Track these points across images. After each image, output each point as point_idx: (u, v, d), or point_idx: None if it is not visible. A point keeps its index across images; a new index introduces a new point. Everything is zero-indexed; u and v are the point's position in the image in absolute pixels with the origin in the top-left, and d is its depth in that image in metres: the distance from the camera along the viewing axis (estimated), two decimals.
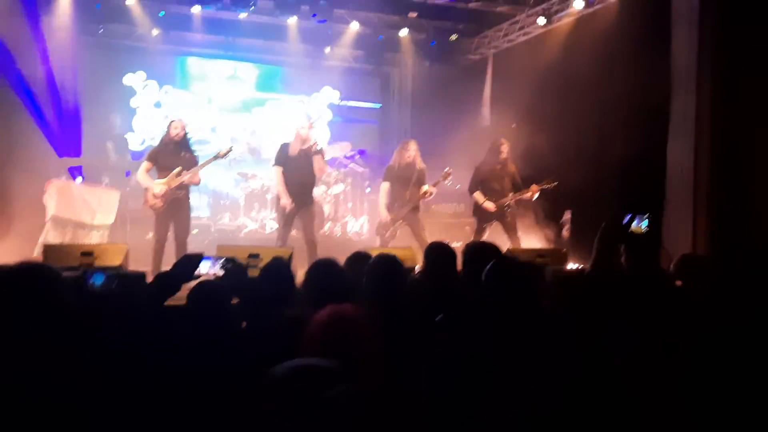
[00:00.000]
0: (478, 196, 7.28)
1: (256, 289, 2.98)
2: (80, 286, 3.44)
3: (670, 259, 6.46)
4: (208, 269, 2.85)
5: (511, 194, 7.26)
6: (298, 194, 6.69)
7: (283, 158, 6.79)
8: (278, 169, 6.79)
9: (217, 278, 2.79)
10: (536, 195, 7.24)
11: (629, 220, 2.76)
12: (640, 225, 3.07)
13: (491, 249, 3.16)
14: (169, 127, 6.61)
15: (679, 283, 3.62)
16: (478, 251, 3.09)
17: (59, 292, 2.06)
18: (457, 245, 4.88)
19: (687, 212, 7.22)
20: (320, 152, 6.76)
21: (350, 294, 2.98)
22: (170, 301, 2.72)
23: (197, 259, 2.60)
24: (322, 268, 3.20)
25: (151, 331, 2.32)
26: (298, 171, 6.70)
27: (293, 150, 6.74)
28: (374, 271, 2.99)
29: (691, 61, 7.23)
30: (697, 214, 7.16)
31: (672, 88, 7.45)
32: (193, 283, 2.74)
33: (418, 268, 4.60)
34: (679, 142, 7.38)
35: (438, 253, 3.39)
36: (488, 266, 2.88)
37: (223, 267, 2.67)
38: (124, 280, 2.68)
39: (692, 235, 7.09)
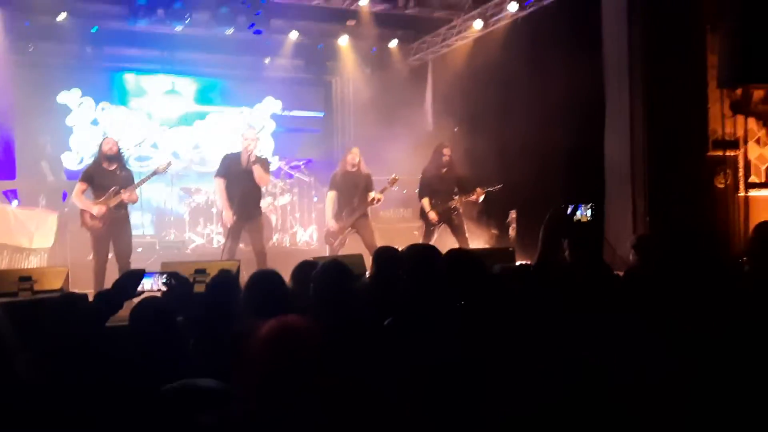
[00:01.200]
0: (425, 202, 7.34)
1: (203, 304, 2.93)
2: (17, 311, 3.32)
3: (613, 250, 6.69)
4: (151, 285, 2.79)
5: (456, 197, 7.33)
6: (242, 206, 6.52)
7: (225, 170, 6.64)
8: (220, 182, 6.61)
9: (161, 294, 2.73)
10: (482, 197, 7.32)
11: (573, 209, 2.82)
12: (585, 213, 3.11)
13: (430, 251, 3.19)
14: (101, 145, 6.43)
15: (619, 273, 3.73)
16: (417, 254, 3.11)
17: None
18: None
19: (626, 203, 7.44)
20: (259, 161, 6.60)
21: (291, 304, 2.97)
22: (113, 322, 2.66)
23: (139, 275, 2.54)
24: (262, 280, 3.17)
25: (93, 351, 2.26)
26: (241, 182, 6.52)
27: (237, 161, 6.62)
28: (322, 278, 2.97)
29: (621, 57, 7.48)
30: (636, 205, 7.39)
31: (605, 83, 7.68)
32: (135, 300, 2.69)
33: (368, 273, 4.60)
34: (615, 136, 7.61)
35: (385, 257, 3.40)
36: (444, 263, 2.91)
37: (165, 282, 2.62)
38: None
39: (632, 224, 7.30)
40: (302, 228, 10.30)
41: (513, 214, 9.05)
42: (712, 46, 7.12)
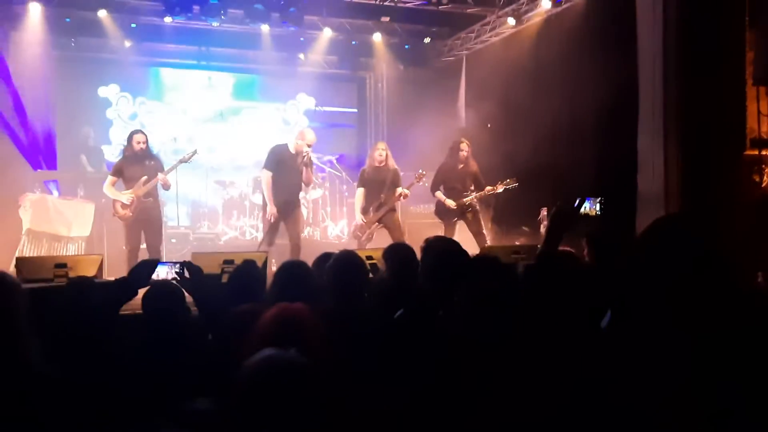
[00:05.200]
0: (439, 195, 7.37)
1: (217, 289, 3.01)
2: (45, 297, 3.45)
3: None
4: (166, 274, 2.88)
5: (473, 194, 7.34)
6: (285, 200, 6.70)
7: (274, 163, 6.77)
8: (267, 174, 6.77)
9: (175, 281, 2.82)
10: (499, 190, 7.33)
11: (580, 202, 2.79)
12: (593, 207, 3.05)
13: (450, 244, 3.22)
14: (130, 139, 6.64)
15: None
16: (437, 247, 3.14)
17: (14, 301, 2.06)
18: None
19: (659, 206, 7.31)
20: (311, 163, 6.77)
21: (313, 292, 3.03)
22: (129, 309, 2.74)
23: (153, 264, 2.63)
24: (289, 268, 3.26)
25: (105, 338, 2.35)
26: (289, 176, 6.70)
27: (287, 157, 6.75)
28: (334, 268, 3.04)
29: (656, 54, 7.33)
30: (669, 207, 7.25)
31: (639, 82, 7.55)
32: None
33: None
34: (648, 137, 7.46)
35: (396, 252, 3.44)
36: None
37: (178, 272, 2.70)
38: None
39: None
40: (333, 222, 10.39)
41: (544, 212, 8.96)
42: (750, 43, 6.96)
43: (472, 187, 7.35)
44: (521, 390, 2.26)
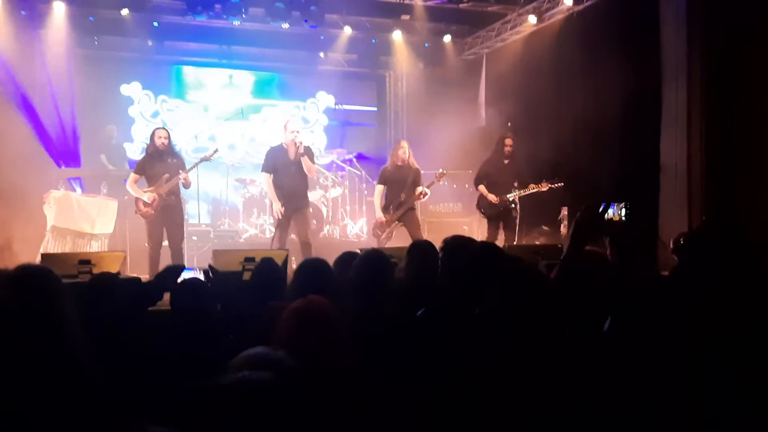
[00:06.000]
0: (483, 189, 7.35)
1: (241, 286, 3.04)
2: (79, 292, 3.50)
3: (665, 250, 6.54)
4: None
5: (516, 191, 7.32)
6: (290, 198, 6.73)
7: (271, 164, 6.83)
8: (267, 176, 6.84)
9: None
10: (543, 189, 7.31)
11: (604, 208, 2.78)
12: (618, 212, 3.02)
13: (468, 242, 3.22)
14: (153, 136, 6.71)
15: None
16: (455, 245, 3.15)
17: (58, 296, 2.09)
18: None
19: (682, 204, 7.26)
20: (307, 152, 6.78)
21: (333, 290, 3.05)
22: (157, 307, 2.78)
23: (179, 269, 2.67)
24: (310, 266, 3.29)
25: (131, 337, 2.38)
26: (288, 175, 6.74)
27: (282, 155, 6.80)
28: (361, 267, 3.06)
29: (680, 55, 7.28)
30: (692, 206, 7.20)
31: (662, 82, 7.50)
32: None
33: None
34: (671, 136, 7.43)
35: (420, 250, 3.45)
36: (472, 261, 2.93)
37: (206, 270, 2.74)
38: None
39: (688, 226, 7.12)
40: (352, 221, 10.41)
41: (564, 211, 8.94)
42: None
43: (516, 184, 7.34)
44: (537, 390, 2.26)
